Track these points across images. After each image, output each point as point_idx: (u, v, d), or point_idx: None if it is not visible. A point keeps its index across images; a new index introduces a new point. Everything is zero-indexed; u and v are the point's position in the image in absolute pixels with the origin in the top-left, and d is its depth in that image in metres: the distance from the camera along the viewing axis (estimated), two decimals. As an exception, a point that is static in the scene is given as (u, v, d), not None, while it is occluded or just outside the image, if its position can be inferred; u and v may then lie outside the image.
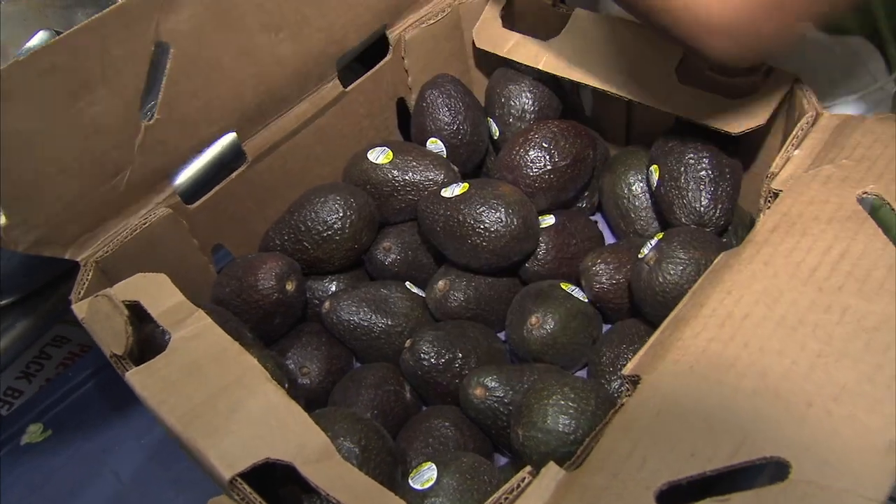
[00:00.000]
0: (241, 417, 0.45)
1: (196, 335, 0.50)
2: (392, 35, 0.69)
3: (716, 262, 0.47)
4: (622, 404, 0.42)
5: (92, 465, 0.67)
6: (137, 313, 0.51)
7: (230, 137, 0.81)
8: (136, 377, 0.48)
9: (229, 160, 0.80)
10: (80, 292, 0.54)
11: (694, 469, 0.37)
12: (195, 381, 0.47)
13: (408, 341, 0.59)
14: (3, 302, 0.66)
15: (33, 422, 0.71)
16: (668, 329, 0.44)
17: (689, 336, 0.43)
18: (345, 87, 0.68)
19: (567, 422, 0.48)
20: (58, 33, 0.78)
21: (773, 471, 0.39)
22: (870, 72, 0.71)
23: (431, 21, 0.70)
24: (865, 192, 0.47)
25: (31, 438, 0.70)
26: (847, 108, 0.73)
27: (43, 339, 0.84)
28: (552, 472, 0.40)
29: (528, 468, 0.41)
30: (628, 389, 0.43)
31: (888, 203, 0.47)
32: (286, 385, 0.52)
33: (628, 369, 0.43)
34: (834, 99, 0.73)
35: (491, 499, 0.40)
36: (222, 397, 0.46)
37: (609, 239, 0.70)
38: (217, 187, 0.64)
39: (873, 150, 0.49)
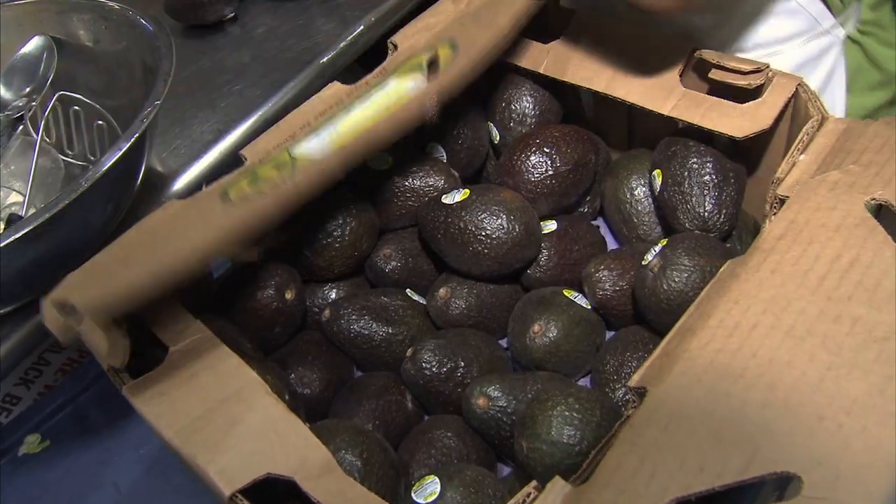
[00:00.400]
0: (241, 432, 0.44)
1: (194, 347, 0.49)
2: (392, 39, 0.68)
3: (722, 270, 0.47)
4: (628, 416, 0.41)
5: (90, 476, 0.66)
6: (135, 324, 0.51)
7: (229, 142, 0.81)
8: (134, 391, 0.47)
9: (227, 165, 0.80)
10: (76, 303, 0.53)
11: (703, 484, 0.37)
12: (194, 395, 0.46)
13: (409, 350, 0.58)
14: (2, 311, 0.65)
15: (31, 432, 0.70)
16: (674, 340, 0.44)
17: (696, 347, 0.42)
18: (344, 90, 0.67)
19: (572, 433, 0.48)
20: (53, 39, 0.78)
21: (778, 480, 0.38)
22: (811, 14, 0.70)
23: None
24: (873, 199, 0.47)
25: (28, 449, 0.69)
26: (795, 53, 0.72)
27: (41, 344, 0.84)
28: (558, 487, 0.39)
29: (534, 483, 0.40)
30: (634, 401, 0.42)
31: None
32: (286, 397, 0.52)
33: (634, 381, 0.42)
34: (780, 44, 0.72)
35: (496, 515, 0.39)
36: (222, 411, 0.45)
37: (611, 244, 0.69)
38: (210, 186, 0.63)
39: (881, 155, 0.49)
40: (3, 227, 0.71)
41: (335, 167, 0.53)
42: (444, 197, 0.61)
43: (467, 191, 0.61)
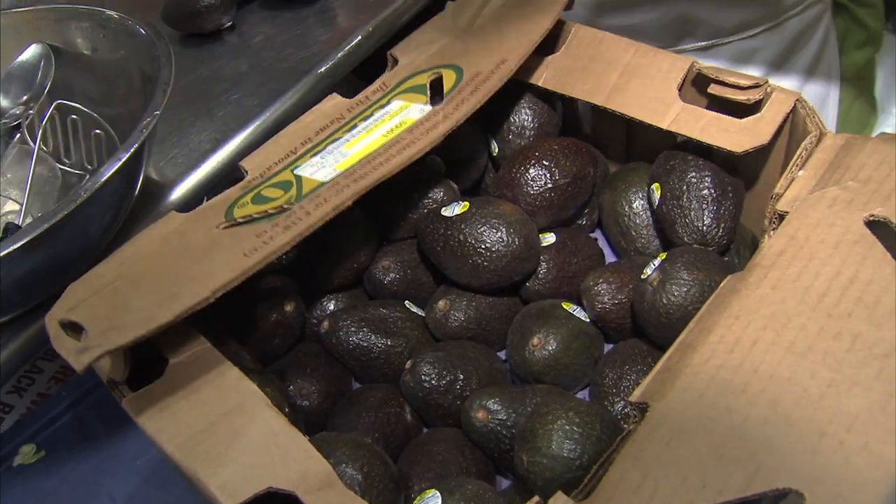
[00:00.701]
0: (242, 445, 0.44)
1: (195, 359, 0.49)
2: (392, 52, 0.68)
3: (722, 285, 0.47)
4: (629, 431, 0.41)
5: (87, 486, 0.65)
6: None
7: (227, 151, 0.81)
8: (134, 404, 0.47)
9: (224, 174, 0.80)
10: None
11: (705, 500, 0.37)
12: (195, 408, 0.46)
13: (408, 362, 0.58)
14: (0, 320, 0.65)
15: (26, 442, 0.70)
16: (675, 355, 0.44)
17: (697, 362, 0.43)
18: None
19: (572, 447, 0.48)
20: (51, 47, 0.78)
21: (776, 496, 0.39)
22: None
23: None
24: (872, 215, 0.47)
25: (24, 460, 0.68)
26: (793, 24, 0.76)
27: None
28: (560, 502, 0.39)
29: (536, 498, 0.40)
30: (636, 416, 0.42)
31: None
32: (286, 409, 0.52)
33: (636, 396, 0.43)
34: (776, 18, 0.74)
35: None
36: (222, 424, 0.45)
37: (609, 256, 0.69)
38: (211, 201, 0.63)
39: (879, 172, 0.49)
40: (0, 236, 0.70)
41: (344, 198, 0.53)
42: (443, 209, 0.62)
43: (467, 203, 0.61)
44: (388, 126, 0.58)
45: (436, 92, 0.62)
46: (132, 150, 0.60)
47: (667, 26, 0.75)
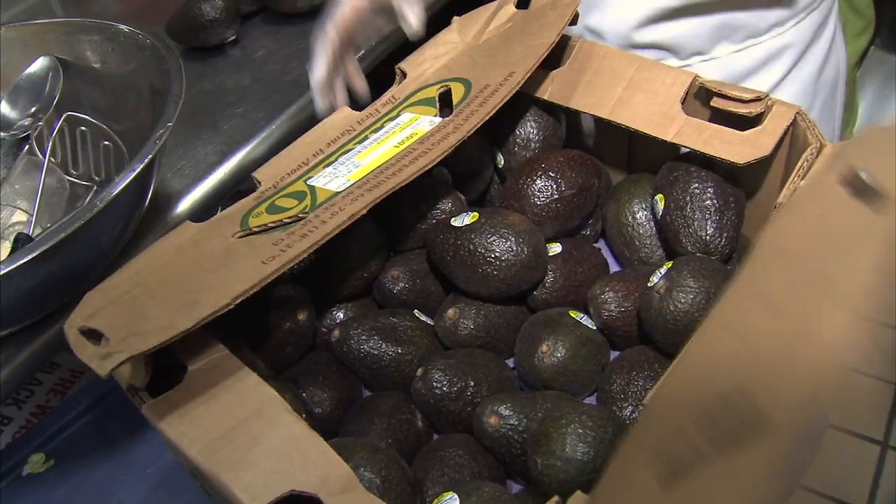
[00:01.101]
0: (264, 450, 0.45)
1: (213, 366, 0.50)
2: (401, 66, 0.69)
3: (729, 292, 0.48)
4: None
5: (97, 495, 0.66)
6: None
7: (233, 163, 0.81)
8: (155, 410, 0.48)
9: (231, 186, 0.81)
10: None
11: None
12: (214, 414, 0.47)
13: (420, 370, 0.59)
14: (7, 331, 0.65)
15: (35, 451, 0.70)
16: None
17: (709, 366, 0.44)
18: (351, 115, 0.69)
19: (585, 450, 0.49)
20: (59, 59, 0.79)
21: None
22: None
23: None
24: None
25: (33, 469, 0.69)
26: (810, 21, 0.80)
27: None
28: (580, 501, 0.40)
29: (556, 498, 0.41)
30: (649, 419, 0.44)
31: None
32: (304, 415, 0.52)
33: (649, 399, 0.44)
34: (798, 16, 0.79)
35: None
36: (243, 429, 0.46)
37: (612, 266, 0.70)
38: (226, 211, 0.64)
39: (880, 183, 0.51)
40: (10, 245, 0.71)
41: (360, 206, 0.54)
42: (453, 220, 0.63)
43: (476, 214, 0.62)
44: (400, 137, 0.59)
45: (444, 104, 0.63)
46: (146, 160, 0.61)
47: (708, 33, 0.77)
